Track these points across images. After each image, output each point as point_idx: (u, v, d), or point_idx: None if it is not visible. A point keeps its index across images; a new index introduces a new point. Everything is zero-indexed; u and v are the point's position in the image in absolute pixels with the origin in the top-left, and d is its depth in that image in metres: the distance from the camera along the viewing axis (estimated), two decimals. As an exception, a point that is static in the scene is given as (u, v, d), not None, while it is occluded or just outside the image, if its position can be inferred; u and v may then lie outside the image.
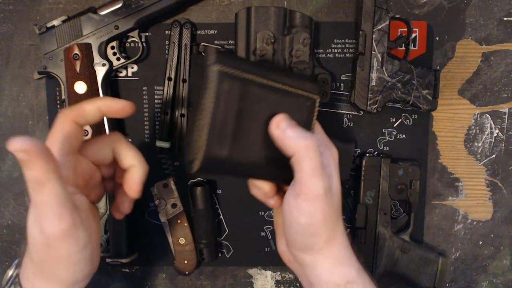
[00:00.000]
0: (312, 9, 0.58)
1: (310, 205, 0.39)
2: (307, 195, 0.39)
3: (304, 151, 0.38)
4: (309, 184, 0.39)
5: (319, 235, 0.40)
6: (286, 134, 0.39)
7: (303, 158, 0.38)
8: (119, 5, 0.53)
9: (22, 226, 0.61)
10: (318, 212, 0.39)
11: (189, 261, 0.59)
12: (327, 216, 0.40)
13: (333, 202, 0.41)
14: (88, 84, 0.54)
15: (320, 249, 0.41)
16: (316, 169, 0.39)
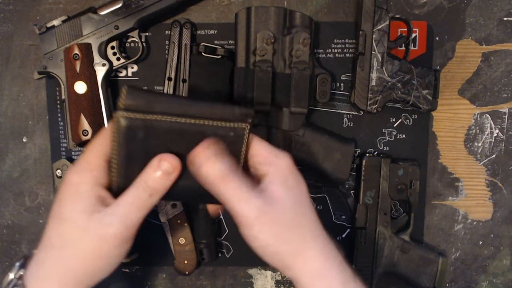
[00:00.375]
0: (312, 9, 0.58)
1: (250, 231, 0.39)
2: (242, 223, 0.38)
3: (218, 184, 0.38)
4: (238, 212, 0.38)
5: (280, 253, 0.40)
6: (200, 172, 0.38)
7: (219, 191, 0.38)
8: (119, 5, 0.53)
9: (22, 226, 0.61)
10: (262, 233, 0.39)
11: (189, 261, 0.59)
12: (278, 233, 0.39)
13: (281, 215, 0.39)
14: (88, 84, 0.54)
15: (291, 266, 0.40)
16: (238, 195, 0.38)
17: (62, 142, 0.59)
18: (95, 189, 0.38)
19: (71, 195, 0.39)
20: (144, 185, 0.38)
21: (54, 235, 0.39)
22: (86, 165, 0.39)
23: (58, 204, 0.39)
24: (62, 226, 0.39)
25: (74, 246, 0.38)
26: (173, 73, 0.56)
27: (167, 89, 0.56)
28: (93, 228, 0.38)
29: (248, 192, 0.38)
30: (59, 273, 0.39)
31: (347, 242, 0.61)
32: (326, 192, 0.61)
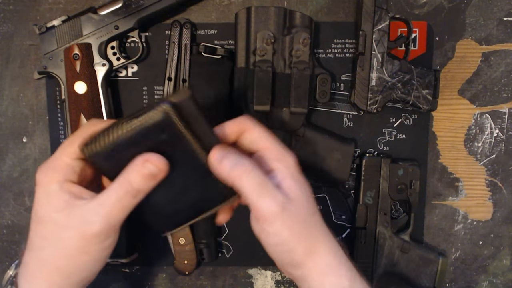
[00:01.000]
0: (312, 9, 0.58)
1: (270, 226, 0.38)
2: (263, 217, 0.38)
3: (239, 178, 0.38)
4: (259, 206, 0.38)
5: (294, 251, 0.40)
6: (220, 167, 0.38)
7: (242, 185, 0.38)
8: (119, 5, 0.53)
9: (22, 226, 0.61)
10: (282, 230, 0.39)
11: (189, 261, 0.59)
12: (295, 230, 0.39)
13: (298, 212, 0.39)
14: (88, 84, 0.54)
15: (302, 263, 0.40)
16: (259, 190, 0.38)
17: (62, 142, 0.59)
18: (65, 186, 0.38)
19: (43, 195, 0.39)
20: (128, 186, 0.38)
21: (34, 236, 0.39)
22: (53, 164, 0.39)
23: (35, 205, 0.39)
24: (40, 226, 0.39)
25: (54, 245, 0.38)
26: (173, 73, 0.56)
27: (167, 89, 0.56)
28: (74, 226, 0.37)
29: (271, 187, 0.38)
30: (44, 272, 0.39)
31: (347, 242, 0.61)
32: (326, 192, 0.61)
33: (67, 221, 0.37)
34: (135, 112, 0.36)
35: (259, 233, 0.40)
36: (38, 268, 0.39)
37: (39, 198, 0.39)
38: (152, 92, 0.59)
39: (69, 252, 0.38)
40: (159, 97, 0.38)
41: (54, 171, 0.38)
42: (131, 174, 0.38)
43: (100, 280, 0.62)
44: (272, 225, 0.38)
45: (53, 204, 0.38)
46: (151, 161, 0.37)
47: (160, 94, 0.58)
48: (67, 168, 0.39)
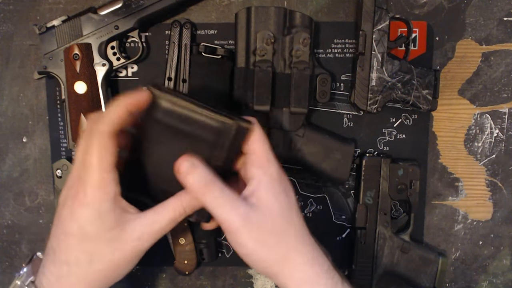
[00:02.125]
0: (312, 9, 0.58)
1: (235, 238, 0.39)
2: (228, 230, 0.39)
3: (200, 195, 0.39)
4: (223, 219, 0.39)
5: (265, 260, 0.40)
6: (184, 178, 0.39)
7: (205, 200, 0.39)
8: (119, 5, 0.53)
9: (22, 226, 0.61)
10: (248, 240, 0.39)
11: (189, 261, 0.59)
12: (263, 240, 0.39)
13: (266, 223, 0.39)
14: (88, 84, 0.54)
15: (277, 273, 0.41)
16: (221, 203, 0.39)
17: (62, 142, 0.59)
18: (116, 203, 0.39)
19: (92, 215, 0.38)
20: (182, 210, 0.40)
21: (78, 252, 0.39)
22: (100, 182, 0.38)
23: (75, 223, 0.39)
24: (88, 244, 0.39)
25: (104, 259, 0.39)
26: (173, 73, 0.56)
27: (167, 89, 0.56)
28: (128, 242, 0.39)
29: (232, 199, 0.39)
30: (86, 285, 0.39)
31: (347, 242, 0.61)
32: (326, 192, 0.61)
33: (121, 237, 0.38)
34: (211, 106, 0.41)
35: (231, 245, 0.41)
36: (81, 281, 0.39)
37: (87, 217, 0.38)
38: (152, 92, 0.59)
39: (118, 265, 0.39)
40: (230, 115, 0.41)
41: (102, 191, 0.38)
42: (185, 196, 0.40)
43: (100, 280, 0.62)
44: (237, 237, 0.39)
45: (107, 223, 0.38)
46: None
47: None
48: (113, 183, 0.39)
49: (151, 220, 0.39)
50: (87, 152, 0.38)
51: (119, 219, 0.38)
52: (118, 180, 0.39)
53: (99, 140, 0.38)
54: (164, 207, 0.40)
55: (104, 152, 0.38)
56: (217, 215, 0.39)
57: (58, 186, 0.58)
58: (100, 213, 0.38)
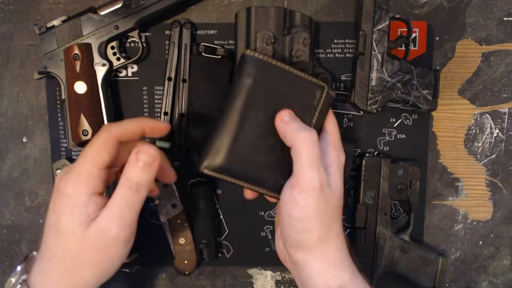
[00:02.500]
0: (312, 9, 0.58)
1: (304, 198, 0.39)
2: (302, 187, 0.39)
3: (302, 142, 0.40)
4: (305, 175, 0.39)
5: (311, 232, 0.40)
6: (288, 127, 0.41)
7: (301, 149, 0.40)
8: (119, 5, 0.53)
9: (22, 226, 0.61)
10: (312, 206, 0.39)
11: (189, 261, 0.59)
12: (321, 213, 0.40)
13: (330, 200, 0.41)
14: (88, 84, 0.54)
15: (312, 248, 0.41)
16: (312, 161, 0.40)
17: (62, 142, 0.59)
18: (92, 198, 0.38)
19: (67, 206, 0.38)
20: (129, 182, 0.38)
21: (54, 247, 0.39)
22: (81, 175, 0.38)
23: (54, 215, 0.39)
24: (61, 238, 0.38)
25: (76, 256, 0.38)
26: (173, 73, 0.56)
27: (167, 89, 0.56)
28: (92, 237, 0.38)
29: (319, 164, 0.40)
30: (67, 282, 0.39)
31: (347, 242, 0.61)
32: (326, 192, 0.61)
33: (85, 234, 0.38)
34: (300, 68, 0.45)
35: (287, 202, 0.41)
36: (61, 278, 0.39)
37: (62, 209, 0.38)
38: (152, 92, 0.59)
39: (92, 262, 0.38)
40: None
41: (84, 183, 0.38)
42: (128, 170, 0.38)
43: (100, 280, 0.62)
44: (306, 198, 0.39)
45: (77, 217, 0.38)
46: (143, 151, 0.38)
47: (160, 94, 0.58)
48: (96, 179, 0.38)
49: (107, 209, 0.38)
50: (89, 144, 0.39)
51: (90, 215, 0.38)
52: (104, 181, 0.39)
53: (103, 137, 0.39)
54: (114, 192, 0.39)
55: (102, 149, 0.38)
56: (302, 169, 0.40)
57: (58, 186, 0.58)
58: (74, 205, 0.38)
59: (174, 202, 0.58)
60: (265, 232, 0.61)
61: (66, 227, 0.38)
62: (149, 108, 0.59)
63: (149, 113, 0.59)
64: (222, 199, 0.61)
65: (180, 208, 0.58)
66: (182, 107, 0.56)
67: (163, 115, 0.56)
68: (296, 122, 0.42)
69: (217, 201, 0.61)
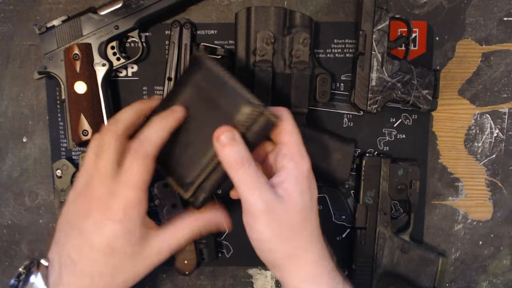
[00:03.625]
0: (312, 9, 0.58)
1: (254, 222, 0.39)
2: (248, 211, 0.39)
3: (233, 169, 0.39)
4: (248, 200, 0.39)
5: (274, 252, 0.40)
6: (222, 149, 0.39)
7: (236, 174, 0.39)
8: (119, 5, 0.53)
9: (22, 226, 0.61)
10: (265, 228, 0.39)
11: (189, 261, 0.59)
12: (278, 232, 0.39)
13: (286, 217, 0.39)
14: (88, 84, 0.54)
15: (282, 266, 0.41)
16: (250, 185, 0.39)
17: (62, 142, 0.59)
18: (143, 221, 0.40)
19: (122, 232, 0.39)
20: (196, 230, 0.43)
21: (103, 265, 0.39)
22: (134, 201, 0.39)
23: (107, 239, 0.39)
24: (113, 258, 0.39)
25: (126, 273, 0.40)
26: (173, 73, 0.56)
27: (167, 89, 0.56)
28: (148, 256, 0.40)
29: (262, 183, 0.39)
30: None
31: (347, 242, 0.61)
32: (326, 192, 0.61)
33: (142, 252, 0.40)
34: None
35: (246, 226, 0.41)
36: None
37: (117, 233, 0.39)
38: (152, 92, 0.59)
39: (136, 277, 0.41)
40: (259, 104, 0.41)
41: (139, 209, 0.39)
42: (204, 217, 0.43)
43: (100, 280, 0.62)
44: (256, 221, 0.39)
45: (133, 239, 0.39)
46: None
47: (160, 94, 0.58)
48: (145, 202, 0.40)
49: (170, 237, 0.41)
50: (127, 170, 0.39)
51: (143, 235, 0.40)
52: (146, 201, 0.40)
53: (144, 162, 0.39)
54: (184, 224, 0.42)
55: (146, 173, 0.39)
56: (243, 194, 0.39)
57: (58, 186, 0.58)
58: (129, 230, 0.39)
59: (174, 202, 0.58)
60: (265, 232, 0.61)
61: (122, 248, 0.39)
62: (149, 108, 0.59)
63: (149, 113, 0.59)
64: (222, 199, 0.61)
65: (180, 208, 0.58)
66: (182, 107, 0.56)
67: (163, 115, 0.56)
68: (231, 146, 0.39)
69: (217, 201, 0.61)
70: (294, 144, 0.42)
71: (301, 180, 0.41)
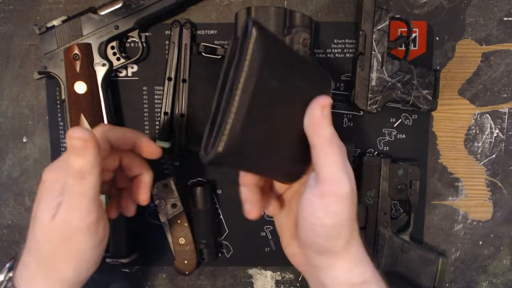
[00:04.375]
0: (312, 9, 0.58)
1: (338, 205, 0.36)
2: (336, 194, 0.36)
3: (330, 145, 0.36)
4: (337, 181, 0.36)
5: (341, 237, 0.38)
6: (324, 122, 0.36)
7: (329, 153, 0.36)
8: (119, 5, 0.53)
9: (22, 226, 0.61)
10: (345, 212, 0.37)
11: (189, 261, 0.59)
12: (351, 217, 0.38)
13: (355, 202, 0.38)
14: (88, 84, 0.54)
15: (339, 251, 0.39)
16: (341, 166, 0.36)
17: (62, 142, 0.59)
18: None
19: (44, 194, 0.38)
20: (70, 170, 0.36)
21: (30, 237, 0.39)
22: (62, 163, 0.38)
23: (35, 205, 0.39)
24: (34, 228, 0.38)
25: (47, 247, 0.37)
26: (173, 73, 0.56)
27: (167, 89, 0.56)
28: (57, 227, 0.37)
29: (346, 166, 0.37)
30: (44, 274, 0.38)
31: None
32: (326, 192, 0.61)
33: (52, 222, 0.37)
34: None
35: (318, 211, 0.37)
36: (38, 269, 0.38)
37: (40, 197, 0.38)
38: (152, 92, 0.59)
39: (64, 254, 0.37)
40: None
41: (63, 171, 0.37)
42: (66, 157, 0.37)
43: (100, 280, 0.62)
44: (340, 204, 0.36)
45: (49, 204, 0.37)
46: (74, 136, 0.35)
47: (160, 94, 0.58)
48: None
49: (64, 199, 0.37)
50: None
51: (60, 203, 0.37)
52: None
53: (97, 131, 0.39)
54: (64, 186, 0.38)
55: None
56: (332, 172, 0.36)
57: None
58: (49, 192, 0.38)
59: (174, 202, 0.58)
60: (265, 232, 0.61)
61: (40, 215, 0.37)
62: (149, 108, 0.59)
63: (149, 113, 0.59)
64: (222, 199, 0.61)
65: (180, 208, 0.58)
66: (182, 107, 0.56)
67: (163, 115, 0.56)
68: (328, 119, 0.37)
69: (217, 201, 0.61)
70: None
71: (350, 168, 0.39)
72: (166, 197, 0.58)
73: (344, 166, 0.37)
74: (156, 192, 0.58)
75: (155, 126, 0.59)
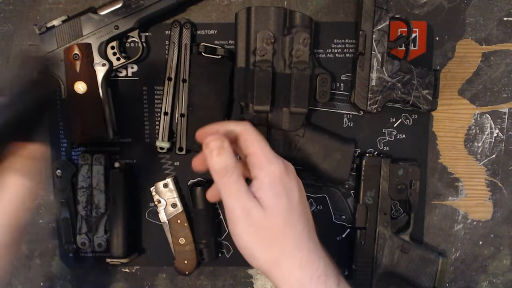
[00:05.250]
0: (312, 9, 0.58)
1: (233, 227, 0.41)
2: (229, 218, 0.41)
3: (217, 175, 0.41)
4: (226, 205, 0.41)
5: (256, 258, 0.41)
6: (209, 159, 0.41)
7: (219, 181, 0.41)
8: (119, 5, 0.53)
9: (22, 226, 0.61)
10: (242, 234, 0.40)
11: (189, 261, 0.59)
12: (257, 238, 0.40)
13: (265, 223, 0.40)
14: (88, 84, 0.54)
15: (268, 272, 0.41)
16: (231, 191, 0.40)
17: (62, 142, 0.59)
18: None
19: None
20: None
21: None
22: None
23: None
24: None
25: None
26: (173, 73, 0.56)
27: (167, 89, 0.56)
28: None
29: (242, 191, 0.40)
30: None
31: (347, 242, 0.61)
32: (326, 192, 0.61)
33: None
34: None
35: (231, 233, 0.42)
36: None
37: None
38: (152, 92, 0.59)
39: None
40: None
41: None
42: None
43: (100, 280, 0.62)
44: (235, 227, 0.40)
45: None
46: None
47: (160, 94, 0.58)
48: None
49: None
50: None
51: None
52: None
53: None
54: None
55: None
56: (224, 200, 0.41)
57: (58, 186, 0.58)
58: None
59: (174, 202, 0.58)
60: (265, 232, 0.61)
61: None
62: (149, 108, 0.59)
63: (149, 113, 0.59)
64: (222, 199, 0.61)
65: (180, 208, 0.58)
66: (182, 107, 0.56)
67: (163, 115, 0.56)
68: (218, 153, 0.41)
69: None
70: (261, 152, 0.42)
71: (274, 185, 0.41)
72: (166, 197, 0.58)
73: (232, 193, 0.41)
74: (156, 192, 0.58)
75: (155, 126, 0.59)
